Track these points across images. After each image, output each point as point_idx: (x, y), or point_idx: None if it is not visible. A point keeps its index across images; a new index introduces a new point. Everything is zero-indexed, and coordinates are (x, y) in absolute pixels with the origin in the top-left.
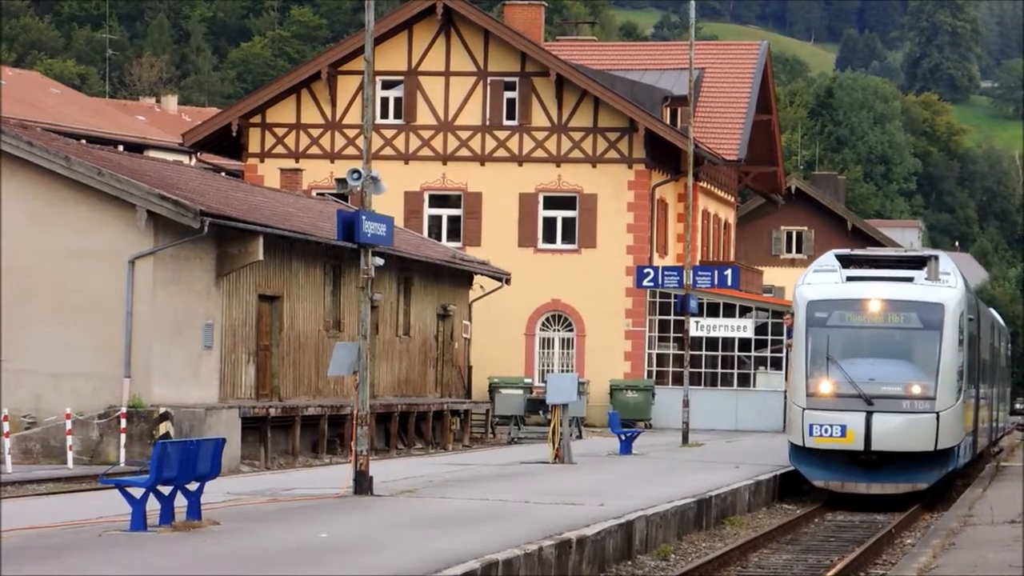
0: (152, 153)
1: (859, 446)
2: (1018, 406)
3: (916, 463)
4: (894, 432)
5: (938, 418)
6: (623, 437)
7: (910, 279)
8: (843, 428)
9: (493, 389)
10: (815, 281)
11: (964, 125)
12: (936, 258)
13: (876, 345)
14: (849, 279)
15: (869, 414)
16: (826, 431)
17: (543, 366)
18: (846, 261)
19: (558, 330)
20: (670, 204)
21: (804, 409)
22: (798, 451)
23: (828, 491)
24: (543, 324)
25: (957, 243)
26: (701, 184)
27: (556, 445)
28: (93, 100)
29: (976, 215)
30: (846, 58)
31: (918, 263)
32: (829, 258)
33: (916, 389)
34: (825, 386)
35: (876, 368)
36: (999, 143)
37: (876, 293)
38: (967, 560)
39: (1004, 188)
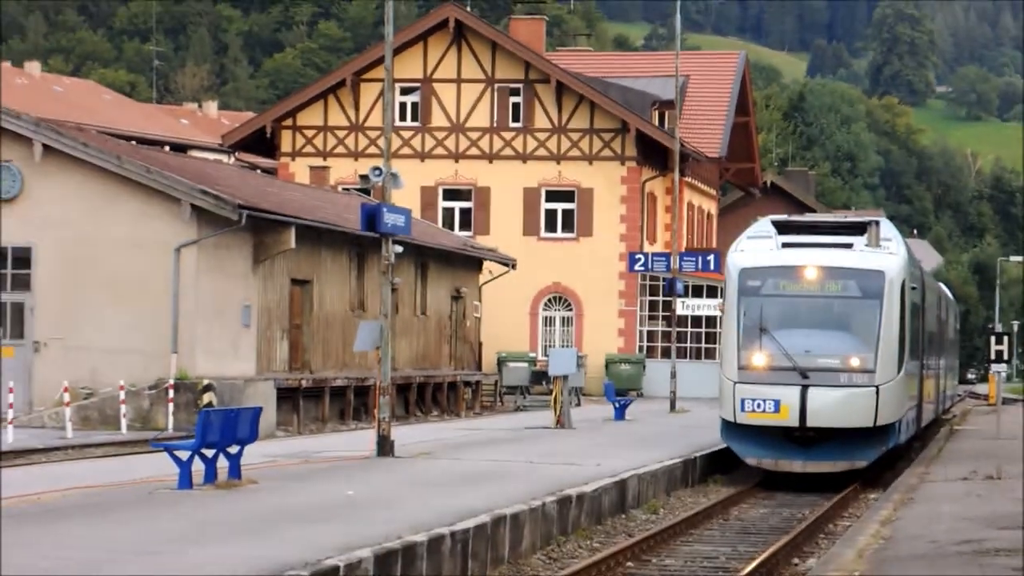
0: (195, 153)
1: (794, 422)
2: (970, 376)
3: (854, 440)
4: (831, 407)
5: (878, 392)
6: (617, 405)
7: (849, 245)
8: (777, 403)
9: (501, 362)
10: (749, 248)
11: (921, 126)
12: (877, 223)
13: (812, 315)
14: (785, 246)
15: (804, 388)
16: (759, 406)
17: (545, 342)
18: (782, 227)
19: (559, 310)
20: (658, 197)
21: (735, 383)
22: (730, 427)
23: (761, 469)
24: (545, 304)
25: (915, 231)
26: (686, 179)
27: (557, 412)
28: (142, 105)
29: (932, 206)
30: (816, 66)
31: (858, 229)
32: (765, 224)
33: (854, 362)
34: (758, 359)
35: (812, 339)
36: (952, 142)
37: (813, 260)
38: (924, 513)
39: (957, 182)
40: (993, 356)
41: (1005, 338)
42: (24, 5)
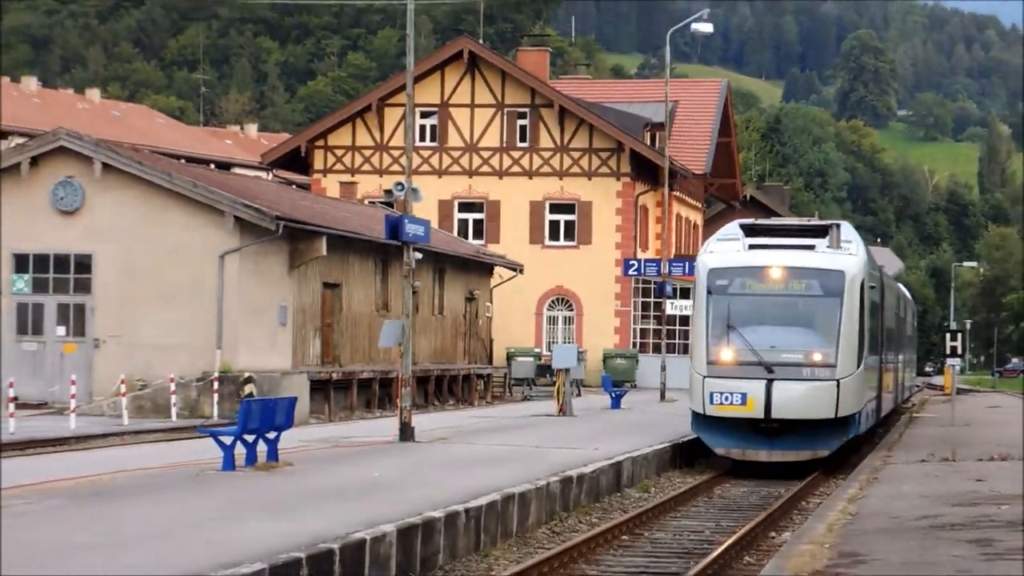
0: (237, 170)
1: (759, 414)
2: (927, 369)
3: (817, 431)
4: (794, 400)
5: (838, 385)
6: (613, 395)
7: (812, 247)
8: (743, 396)
9: (510, 357)
10: (717, 249)
11: (884, 146)
12: (838, 226)
13: (777, 312)
14: (751, 247)
15: (769, 382)
16: (727, 399)
17: (549, 339)
18: (749, 230)
19: (561, 310)
20: (650, 209)
21: (705, 377)
22: (699, 419)
23: (730, 459)
24: (549, 305)
25: (879, 240)
26: (675, 193)
27: (560, 401)
28: (190, 128)
29: (894, 217)
30: (790, 92)
31: (820, 232)
32: (733, 227)
33: (817, 356)
34: (726, 354)
35: (777, 336)
36: (912, 160)
37: (777, 261)
38: (887, 491)
39: (916, 196)
40: (948, 351)
41: (959, 335)
42: (86, 39)
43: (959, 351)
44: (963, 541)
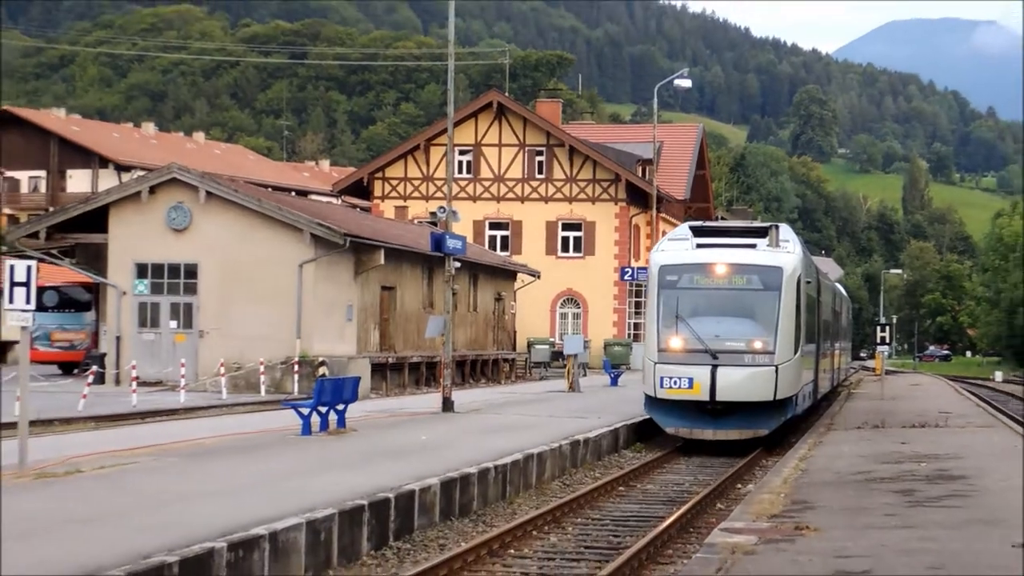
0: (313, 196)
1: (705, 397)
2: (862, 355)
3: (757, 412)
4: (736, 384)
5: (777, 371)
6: (612, 375)
7: (753, 246)
8: (691, 380)
9: (530, 345)
10: (668, 248)
11: (827, 177)
12: (777, 227)
13: (721, 305)
14: (699, 246)
15: (714, 368)
16: (675, 383)
17: (561, 330)
18: (698, 231)
19: (570, 307)
20: (641, 228)
21: (656, 363)
22: (651, 401)
23: (679, 437)
24: (561, 304)
25: (823, 251)
26: (661, 215)
27: (570, 380)
28: (275, 163)
29: (835, 234)
30: (753, 134)
31: (761, 232)
32: (683, 228)
33: (757, 345)
34: (675, 342)
35: (721, 326)
36: (850, 188)
37: (721, 258)
38: (830, 452)
39: (853, 217)
40: (879, 340)
41: (887, 327)
42: (193, 92)
43: (887, 340)
44: (890, 491)
